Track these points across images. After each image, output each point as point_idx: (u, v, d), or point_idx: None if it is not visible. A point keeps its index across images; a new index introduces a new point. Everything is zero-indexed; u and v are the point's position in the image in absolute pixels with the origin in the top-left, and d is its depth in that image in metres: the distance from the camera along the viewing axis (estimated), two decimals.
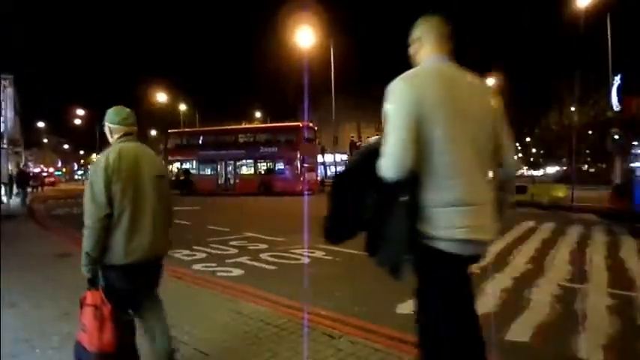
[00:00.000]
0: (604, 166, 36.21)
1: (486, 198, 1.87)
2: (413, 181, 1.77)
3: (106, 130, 2.71)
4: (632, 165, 10.38)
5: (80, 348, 2.42)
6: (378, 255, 1.87)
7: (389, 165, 1.75)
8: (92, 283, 2.46)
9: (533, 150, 76.97)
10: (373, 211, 1.84)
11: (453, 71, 1.94)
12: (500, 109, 1.99)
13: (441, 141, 1.77)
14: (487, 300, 4.77)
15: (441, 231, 1.77)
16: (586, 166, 45.92)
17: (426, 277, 1.91)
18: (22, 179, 20.21)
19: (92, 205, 2.42)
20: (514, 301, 4.74)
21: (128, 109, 2.75)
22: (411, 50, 2.07)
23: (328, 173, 42.22)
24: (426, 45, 1.99)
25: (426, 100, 1.78)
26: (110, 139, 2.69)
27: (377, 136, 1.98)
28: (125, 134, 2.67)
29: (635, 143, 10.62)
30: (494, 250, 7.64)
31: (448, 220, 1.76)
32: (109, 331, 2.37)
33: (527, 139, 75.19)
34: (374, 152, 1.82)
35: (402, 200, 1.76)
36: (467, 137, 1.82)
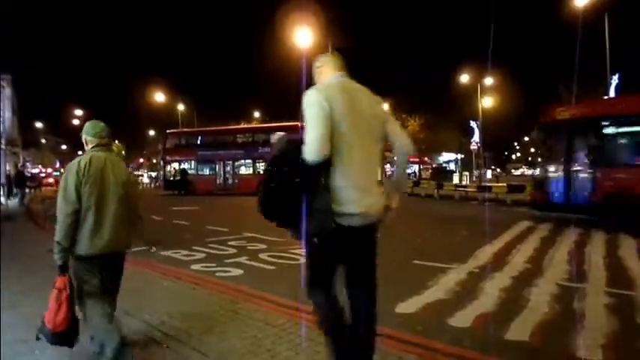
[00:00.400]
0: None
1: (375, 183, 2.51)
2: (327, 167, 2.32)
3: (83, 140, 3.13)
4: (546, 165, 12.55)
5: (43, 322, 2.91)
6: (308, 224, 2.34)
7: (311, 151, 2.27)
8: (62, 269, 2.87)
9: (532, 149, 77.05)
10: (299, 189, 2.31)
11: (352, 85, 2.55)
12: (385, 109, 2.70)
13: (347, 140, 2.34)
14: (486, 299, 4.78)
15: (342, 206, 2.33)
16: None
17: (329, 238, 2.38)
18: (20, 180, 20.18)
19: (64, 202, 2.85)
20: (513, 301, 4.75)
21: (102, 124, 3.16)
22: (315, 76, 2.69)
23: None
24: (327, 69, 2.61)
25: (336, 107, 2.33)
26: (86, 148, 3.11)
27: (283, 133, 2.75)
28: (98, 145, 3.09)
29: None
30: (492, 249, 7.65)
31: (349, 197, 2.34)
32: (63, 313, 2.84)
33: (526, 139, 75.33)
34: (298, 143, 2.34)
35: (323, 182, 2.31)
36: (364, 136, 2.43)
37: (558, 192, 11.49)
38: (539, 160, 14.13)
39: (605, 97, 14.53)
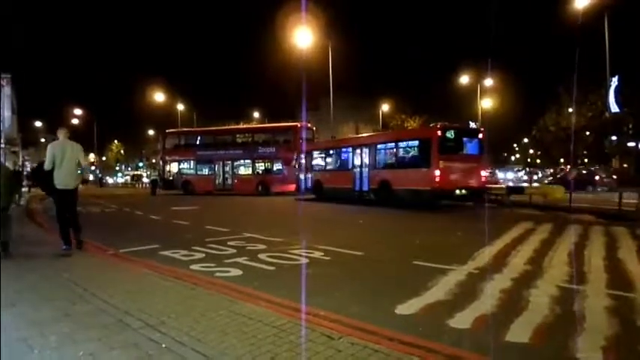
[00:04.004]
0: (599, 167, 36.34)
1: (72, 177, 7.35)
2: (53, 170, 7.17)
3: None
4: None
5: None
6: (45, 190, 8.77)
7: (46, 166, 7.28)
8: None
9: (531, 151, 77.03)
10: (46, 177, 7.33)
11: (67, 141, 7.38)
12: (79, 150, 7.48)
13: (59, 162, 7.16)
14: (486, 301, 4.78)
15: (58, 183, 7.20)
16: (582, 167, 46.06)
17: (56, 196, 7.40)
18: (18, 179, 20.19)
19: None
20: (513, 302, 4.74)
21: None
22: (57, 134, 7.54)
23: None
24: (60, 135, 7.41)
25: (56, 150, 7.19)
26: None
27: (44, 159, 7.63)
28: None
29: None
30: (492, 250, 7.65)
31: (59, 179, 7.20)
32: None
33: (525, 140, 75.33)
34: (42, 162, 7.75)
35: (51, 175, 7.19)
36: (68, 161, 7.23)
37: (308, 184, 23.80)
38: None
39: (326, 140, 29.57)
